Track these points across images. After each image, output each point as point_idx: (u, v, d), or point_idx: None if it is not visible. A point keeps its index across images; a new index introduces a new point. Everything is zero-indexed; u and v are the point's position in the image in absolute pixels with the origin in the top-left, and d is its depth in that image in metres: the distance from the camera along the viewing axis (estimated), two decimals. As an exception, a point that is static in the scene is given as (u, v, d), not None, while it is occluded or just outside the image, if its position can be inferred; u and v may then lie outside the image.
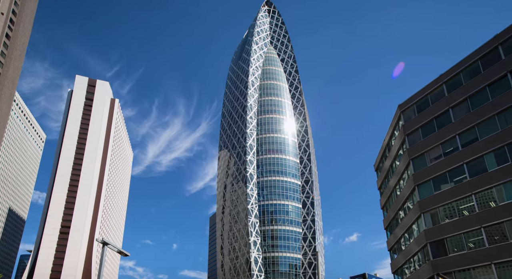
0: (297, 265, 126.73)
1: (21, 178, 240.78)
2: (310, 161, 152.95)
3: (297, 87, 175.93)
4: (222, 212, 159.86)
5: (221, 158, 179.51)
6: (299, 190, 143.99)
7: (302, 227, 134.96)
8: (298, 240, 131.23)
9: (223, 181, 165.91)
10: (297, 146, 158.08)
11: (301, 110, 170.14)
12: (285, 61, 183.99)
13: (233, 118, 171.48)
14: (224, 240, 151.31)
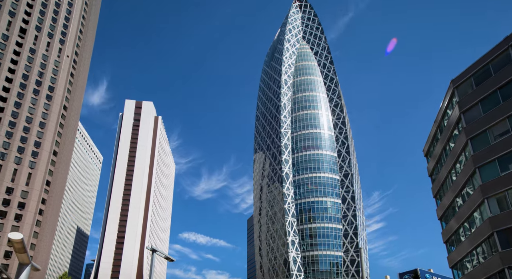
0: (338, 263, 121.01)
1: (85, 198, 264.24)
2: (349, 153, 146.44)
3: (333, 78, 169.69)
4: (259, 214, 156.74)
5: (256, 160, 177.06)
6: (337, 185, 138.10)
7: (343, 223, 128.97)
8: (339, 237, 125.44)
9: (259, 183, 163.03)
10: (334, 140, 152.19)
11: (338, 101, 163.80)
12: (318, 53, 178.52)
13: (267, 119, 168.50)
14: (262, 241, 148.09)
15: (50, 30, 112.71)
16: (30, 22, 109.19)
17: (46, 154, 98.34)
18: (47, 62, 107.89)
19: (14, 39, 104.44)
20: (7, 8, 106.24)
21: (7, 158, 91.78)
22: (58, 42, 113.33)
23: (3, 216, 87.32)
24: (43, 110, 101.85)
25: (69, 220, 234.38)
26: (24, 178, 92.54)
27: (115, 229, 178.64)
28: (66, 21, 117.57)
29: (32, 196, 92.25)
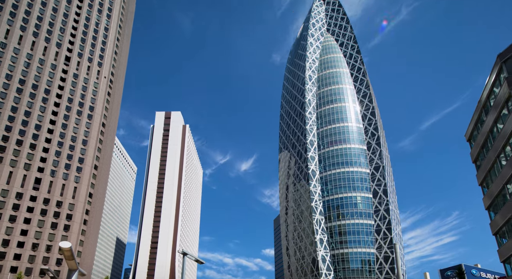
0: (370, 261, 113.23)
1: (122, 207, 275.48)
2: (380, 145, 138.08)
3: (360, 68, 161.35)
4: (286, 213, 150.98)
5: (282, 159, 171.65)
6: (368, 179, 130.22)
7: (374, 218, 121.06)
8: (371, 233, 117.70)
9: (285, 182, 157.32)
10: (362, 132, 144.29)
11: (366, 91, 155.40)
12: (344, 44, 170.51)
13: (291, 118, 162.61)
14: (289, 240, 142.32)
15: (90, 55, 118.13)
16: (73, 50, 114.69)
17: (89, 169, 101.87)
18: (88, 84, 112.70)
19: (60, 67, 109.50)
20: (54, 41, 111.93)
21: (57, 174, 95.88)
22: (96, 65, 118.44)
23: (54, 228, 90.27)
24: (85, 128, 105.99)
25: (108, 228, 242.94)
26: (71, 192, 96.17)
27: (149, 235, 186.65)
28: (103, 45, 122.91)
29: (78, 208, 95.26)
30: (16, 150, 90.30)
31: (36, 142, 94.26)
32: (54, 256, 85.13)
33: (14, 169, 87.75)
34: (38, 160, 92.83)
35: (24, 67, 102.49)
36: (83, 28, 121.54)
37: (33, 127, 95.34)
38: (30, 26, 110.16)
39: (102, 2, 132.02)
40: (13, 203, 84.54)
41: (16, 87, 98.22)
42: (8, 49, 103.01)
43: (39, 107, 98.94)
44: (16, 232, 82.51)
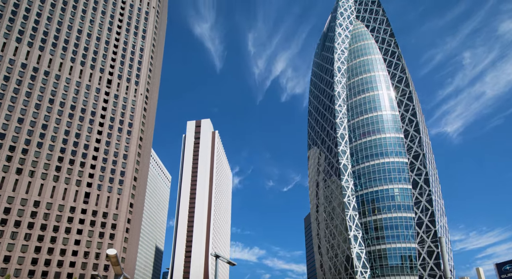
0: (412, 256, 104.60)
1: (159, 215, 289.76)
2: (419, 131, 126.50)
3: (394, 52, 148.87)
4: (317, 211, 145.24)
5: (311, 156, 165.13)
6: (406, 169, 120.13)
7: (415, 211, 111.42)
8: (411, 227, 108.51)
9: (315, 179, 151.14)
10: (399, 119, 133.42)
11: (401, 76, 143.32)
12: (376, 29, 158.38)
13: (320, 113, 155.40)
14: (321, 239, 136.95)
15: (128, 76, 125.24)
16: (114, 73, 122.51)
17: (129, 181, 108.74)
18: (127, 103, 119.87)
19: (103, 90, 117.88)
20: (98, 67, 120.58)
21: (102, 188, 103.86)
22: (134, 84, 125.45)
23: (101, 237, 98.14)
24: (125, 144, 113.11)
25: (147, 234, 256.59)
26: (115, 203, 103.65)
27: (183, 239, 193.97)
28: (139, 65, 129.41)
29: (121, 218, 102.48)
30: (69, 169, 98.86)
31: (85, 160, 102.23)
32: (102, 262, 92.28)
33: (67, 186, 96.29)
34: (87, 176, 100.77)
35: (74, 94, 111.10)
36: (122, 52, 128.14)
37: (82, 147, 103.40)
38: (78, 56, 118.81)
39: (137, 26, 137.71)
40: (67, 217, 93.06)
41: (68, 113, 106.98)
42: (61, 79, 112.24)
43: (86, 128, 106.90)
44: (71, 242, 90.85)
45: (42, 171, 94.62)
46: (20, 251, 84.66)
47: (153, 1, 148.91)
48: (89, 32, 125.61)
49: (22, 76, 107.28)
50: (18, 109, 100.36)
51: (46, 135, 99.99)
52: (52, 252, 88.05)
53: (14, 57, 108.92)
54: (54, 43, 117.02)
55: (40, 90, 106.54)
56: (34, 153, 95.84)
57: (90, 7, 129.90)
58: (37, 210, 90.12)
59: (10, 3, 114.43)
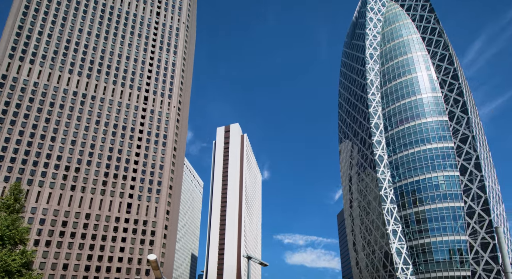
0: (462, 250, 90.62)
1: (192, 220, 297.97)
2: (466, 111, 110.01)
3: (434, 28, 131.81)
4: (350, 206, 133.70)
5: (343, 150, 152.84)
6: (452, 154, 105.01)
7: (464, 199, 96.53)
8: (460, 218, 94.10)
9: (347, 173, 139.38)
10: (441, 101, 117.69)
11: (444, 53, 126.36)
12: (412, 7, 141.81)
13: (351, 104, 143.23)
14: (355, 235, 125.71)
15: (162, 90, 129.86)
16: (150, 90, 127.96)
17: (165, 189, 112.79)
18: (161, 116, 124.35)
19: (141, 107, 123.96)
20: (136, 86, 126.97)
21: (142, 198, 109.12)
22: (167, 98, 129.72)
23: (142, 243, 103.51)
24: (161, 155, 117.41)
25: (182, 239, 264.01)
26: (153, 212, 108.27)
27: (216, 242, 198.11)
28: (172, 79, 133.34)
29: (159, 225, 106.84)
30: (113, 182, 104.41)
31: (126, 173, 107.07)
32: (143, 267, 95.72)
33: (113, 198, 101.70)
34: (128, 188, 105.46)
35: (116, 114, 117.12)
36: (156, 69, 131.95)
37: (124, 162, 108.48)
38: (119, 79, 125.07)
39: (169, 42, 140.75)
40: (113, 226, 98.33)
41: (112, 131, 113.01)
42: (105, 101, 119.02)
43: (127, 144, 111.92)
44: (116, 249, 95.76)
45: (92, 187, 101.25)
46: (76, 259, 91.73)
47: (183, 16, 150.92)
48: (128, 55, 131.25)
49: (74, 102, 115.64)
50: (71, 133, 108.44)
51: (94, 154, 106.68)
52: (101, 259, 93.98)
53: (67, 87, 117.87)
54: (98, 69, 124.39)
55: (88, 113, 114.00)
56: (85, 171, 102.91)
57: (128, 32, 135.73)
58: (88, 221, 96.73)
59: (63, 40, 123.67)
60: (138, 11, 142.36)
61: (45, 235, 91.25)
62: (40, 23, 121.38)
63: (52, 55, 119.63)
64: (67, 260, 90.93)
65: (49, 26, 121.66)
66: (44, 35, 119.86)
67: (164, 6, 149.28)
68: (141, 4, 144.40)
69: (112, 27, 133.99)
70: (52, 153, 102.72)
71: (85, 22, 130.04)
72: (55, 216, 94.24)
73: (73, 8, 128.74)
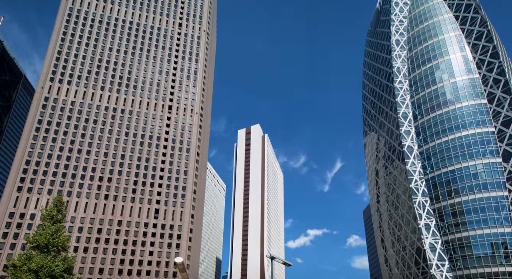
0: (507, 243, 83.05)
1: (216, 223, 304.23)
2: (510, 91, 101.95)
3: (469, 5, 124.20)
4: (377, 201, 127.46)
5: (368, 144, 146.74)
6: (492, 139, 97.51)
7: (508, 187, 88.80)
8: (504, 208, 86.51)
9: (373, 167, 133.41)
10: (479, 83, 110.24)
11: (481, 30, 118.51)
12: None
13: (376, 95, 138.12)
14: (384, 231, 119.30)
15: (185, 98, 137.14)
16: (173, 99, 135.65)
17: (190, 194, 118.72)
18: (185, 124, 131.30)
19: (165, 116, 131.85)
20: (161, 96, 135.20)
21: (168, 204, 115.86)
22: (190, 105, 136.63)
23: (169, 247, 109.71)
24: (185, 161, 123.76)
25: (207, 241, 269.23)
26: (178, 216, 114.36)
27: (239, 244, 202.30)
28: (194, 87, 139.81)
29: (184, 229, 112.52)
30: (142, 190, 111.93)
31: (153, 181, 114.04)
32: (170, 270, 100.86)
33: (141, 205, 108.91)
34: (155, 194, 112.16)
35: (143, 124, 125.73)
36: (179, 78, 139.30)
37: (151, 170, 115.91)
38: (145, 91, 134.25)
39: (191, 51, 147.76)
40: (142, 232, 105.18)
41: (140, 141, 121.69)
42: (133, 114, 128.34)
43: (154, 152, 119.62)
44: (146, 253, 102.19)
45: (123, 195, 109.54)
46: (110, 264, 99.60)
47: (203, 24, 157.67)
48: (153, 67, 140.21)
49: (105, 117, 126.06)
50: (103, 146, 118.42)
51: (124, 164, 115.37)
52: (132, 263, 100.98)
53: (100, 103, 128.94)
54: (126, 84, 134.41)
55: (118, 126, 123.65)
56: (116, 180, 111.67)
57: (153, 46, 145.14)
58: (120, 228, 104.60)
59: (95, 59, 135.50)
60: (162, 25, 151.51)
61: (83, 242, 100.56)
62: (76, 46, 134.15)
63: (86, 74, 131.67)
64: (102, 264, 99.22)
65: (83, 48, 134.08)
66: (79, 57, 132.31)
67: (186, 16, 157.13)
68: (164, 18, 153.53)
69: (138, 43, 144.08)
70: (87, 166, 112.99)
71: (114, 40, 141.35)
72: (91, 224, 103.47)
73: (104, 29, 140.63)
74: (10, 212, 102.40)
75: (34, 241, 47.66)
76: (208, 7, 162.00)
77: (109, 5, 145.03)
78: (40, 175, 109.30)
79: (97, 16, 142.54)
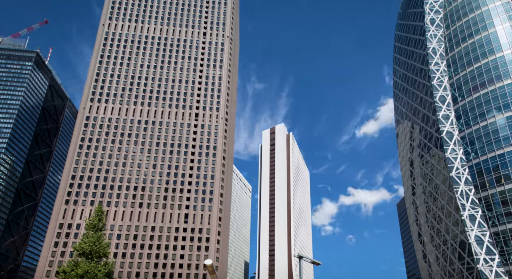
0: None
1: (242, 224, 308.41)
2: None
3: None
4: (413, 193, 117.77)
5: (400, 133, 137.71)
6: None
7: None
8: None
9: (407, 157, 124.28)
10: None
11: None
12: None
13: (408, 80, 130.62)
14: (421, 225, 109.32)
15: (210, 105, 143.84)
16: (200, 107, 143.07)
17: (217, 198, 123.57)
18: (211, 129, 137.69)
19: (192, 123, 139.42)
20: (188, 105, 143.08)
21: (197, 208, 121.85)
22: (215, 111, 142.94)
23: (199, 250, 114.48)
24: (212, 166, 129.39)
25: (234, 241, 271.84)
26: (206, 219, 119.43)
27: (266, 244, 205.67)
28: (218, 92, 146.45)
29: (212, 232, 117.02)
30: (172, 196, 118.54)
31: (182, 187, 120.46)
32: (201, 272, 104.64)
33: (172, 211, 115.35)
34: (185, 200, 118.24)
35: (172, 133, 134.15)
36: (204, 85, 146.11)
37: (180, 176, 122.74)
38: (173, 101, 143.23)
39: (215, 58, 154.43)
40: (174, 236, 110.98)
41: (169, 150, 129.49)
42: (163, 124, 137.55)
43: (182, 159, 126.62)
44: (177, 257, 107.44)
45: (155, 202, 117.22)
46: (145, 268, 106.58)
47: (227, 31, 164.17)
48: (180, 78, 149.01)
49: (138, 130, 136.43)
50: (137, 157, 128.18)
51: (155, 173, 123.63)
52: (165, 267, 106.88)
53: (133, 117, 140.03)
54: (156, 97, 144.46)
55: (149, 137, 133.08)
56: (149, 189, 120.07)
57: (179, 57, 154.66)
58: (153, 233, 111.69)
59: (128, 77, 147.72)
60: (188, 36, 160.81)
61: (121, 248, 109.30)
62: (111, 67, 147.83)
63: (120, 92, 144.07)
64: (138, 268, 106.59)
65: (118, 68, 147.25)
66: (114, 77, 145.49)
67: (210, 25, 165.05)
68: (189, 29, 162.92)
69: (166, 56, 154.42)
70: (123, 177, 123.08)
71: (145, 57, 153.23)
72: (128, 231, 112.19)
73: (135, 47, 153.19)
74: (59, 223, 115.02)
75: (80, 248, 53.90)
76: (231, 13, 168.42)
77: (139, 25, 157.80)
78: (83, 188, 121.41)
79: (129, 36, 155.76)
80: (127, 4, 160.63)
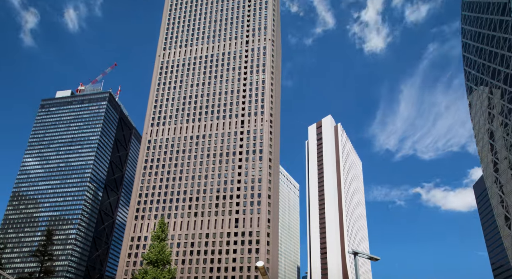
0: None
1: (291, 223, 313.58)
2: None
3: None
4: (495, 170, 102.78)
5: (474, 103, 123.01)
6: None
7: None
8: None
9: (486, 128, 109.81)
10: None
11: None
12: None
13: (483, 38, 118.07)
14: (508, 207, 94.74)
15: (255, 110, 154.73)
16: (245, 114, 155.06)
17: (265, 200, 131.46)
18: (256, 134, 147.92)
19: (239, 130, 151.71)
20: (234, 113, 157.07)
21: (246, 212, 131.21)
22: (260, 114, 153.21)
23: (249, 252, 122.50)
24: (259, 169, 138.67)
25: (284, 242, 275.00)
26: (256, 222, 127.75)
27: (317, 242, 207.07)
28: (262, 96, 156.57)
29: (262, 234, 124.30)
30: (223, 203, 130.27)
31: (232, 193, 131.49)
32: (252, 274, 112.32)
33: (223, 217, 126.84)
34: (234, 205, 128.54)
35: (221, 143, 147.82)
36: (249, 92, 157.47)
37: (229, 183, 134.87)
38: (220, 113, 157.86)
39: (258, 63, 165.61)
40: (226, 241, 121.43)
41: (219, 160, 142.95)
42: (212, 136, 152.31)
43: (231, 166, 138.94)
44: (230, 260, 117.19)
45: (208, 210, 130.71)
46: (202, 272, 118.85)
47: (268, 34, 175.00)
48: (226, 90, 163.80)
49: (191, 145, 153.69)
50: (191, 170, 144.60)
51: (207, 183, 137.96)
52: (219, 271, 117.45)
53: (186, 134, 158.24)
54: (206, 112, 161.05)
55: (201, 150, 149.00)
56: (202, 198, 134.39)
57: (225, 70, 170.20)
58: (207, 240, 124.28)
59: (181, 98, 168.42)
60: (231, 48, 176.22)
61: (180, 255, 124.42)
62: (167, 91, 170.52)
63: (175, 113, 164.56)
64: (196, 273, 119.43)
65: (172, 91, 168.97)
66: (170, 100, 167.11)
67: (252, 32, 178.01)
68: (233, 41, 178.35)
69: (213, 72, 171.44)
70: (180, 190, 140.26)
71: (194, 77, 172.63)
72: (185, 239, 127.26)
73: (186, 69, 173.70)
74: (131, 236, 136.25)
75: (148, 258, 64.07)
76: (272, 15, 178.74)
77: (189, 48, 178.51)
78: (148, 204, 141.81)
79: (180, 61, 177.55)
80: (178, 32, 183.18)
